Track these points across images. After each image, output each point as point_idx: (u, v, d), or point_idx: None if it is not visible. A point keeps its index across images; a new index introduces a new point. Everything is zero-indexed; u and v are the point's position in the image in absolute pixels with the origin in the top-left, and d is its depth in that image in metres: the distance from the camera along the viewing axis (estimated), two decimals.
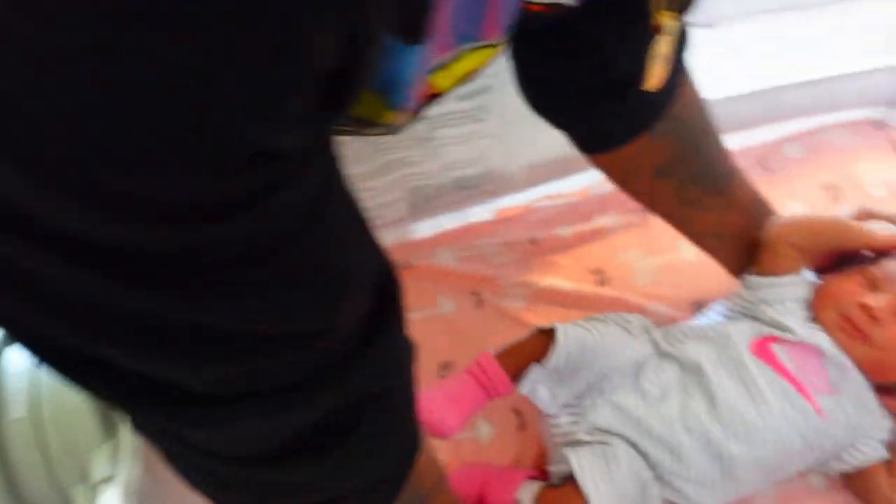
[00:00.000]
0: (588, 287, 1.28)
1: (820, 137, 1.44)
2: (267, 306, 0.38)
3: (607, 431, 0.92)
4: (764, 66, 1.37)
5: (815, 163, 1.36)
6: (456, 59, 0.48)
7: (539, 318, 1.18)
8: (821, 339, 0.93)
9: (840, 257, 0.97)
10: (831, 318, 0.94)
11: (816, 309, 0.95)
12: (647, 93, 0.68)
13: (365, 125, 0.47)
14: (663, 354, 0.96)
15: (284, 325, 0.40)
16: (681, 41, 0.79)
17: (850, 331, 0.92)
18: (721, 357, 0.94)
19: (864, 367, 0.92)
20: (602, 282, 1.30)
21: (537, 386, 0.95)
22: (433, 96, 0.53)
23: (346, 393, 0.47)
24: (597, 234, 1.35)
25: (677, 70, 0.82)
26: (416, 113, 0.51)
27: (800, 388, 0.92)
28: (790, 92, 1.38)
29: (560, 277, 1.30)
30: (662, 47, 0.63)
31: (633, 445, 0.90)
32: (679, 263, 1.30)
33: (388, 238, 1.32)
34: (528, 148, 1.28)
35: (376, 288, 0.47)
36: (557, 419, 0.97)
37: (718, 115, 0.95)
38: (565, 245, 1.34)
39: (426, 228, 1.39)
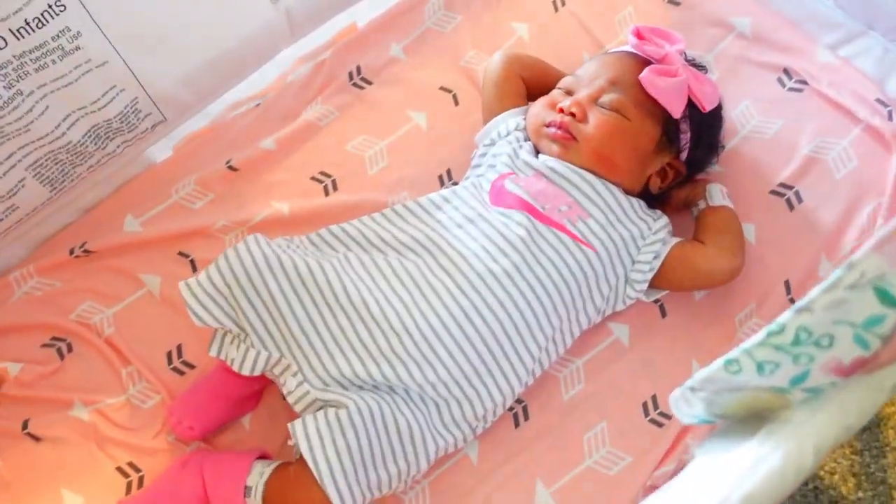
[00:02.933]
0: (316, 199, 1.05)
1: None
2: None
3: (338, 382, 0.83)
4: None
5: None
6: None
7: None
8: (542, 160, 0.93)
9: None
10: (540, 135, 0.95)
11: (528, 132, 0.97)
12: None
13: None
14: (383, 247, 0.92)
15: None
16: None
17: (558, 137, 0.93)
18: (457, 222, 0.91)
19: (593, 166, 0.92)
20: (332, 186, 1.05)
21: (226, 347, 0.87)
22: None
23: None
24: (308, 132, 1.09)
25: None
26: None
27: (550, 221, 0.89)
28: None
29: (279, 199, 1.03)
30: None
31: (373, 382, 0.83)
32: (411, 136, 1.09)
33: (45, 231, 1.02)
34: (166, 60, 0.96)
35: None
36: (286, 386, 0.85)
37: None
38: (273, 157, 1.07)
39: (92, 197, 1.04)
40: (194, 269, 1.02)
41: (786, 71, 1.07)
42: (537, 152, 0.96)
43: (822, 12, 1.09)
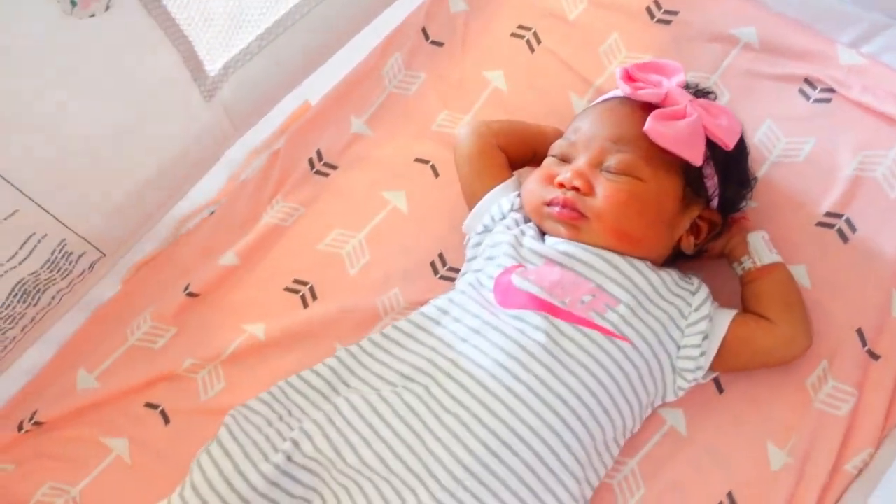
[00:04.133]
0: (294, 314, 0.91)
1: None
2: None
3: None
4: None
5: (491, 10, 1.03)
6: None
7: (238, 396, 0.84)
8: (551, 244, 0.78)
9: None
10: (543, 216, 0.80)
11: (527, 212, 0.83)
12: None
13: None
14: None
15: None
16: None
17: (565, 218, 0.78)
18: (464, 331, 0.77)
19: (612, 245, 0.77)
20: (310, 295, 0.91)
21: None
22: None
23: None
24: (272, 237, 0.95)
25: None
26: None
27: (573, 318, 0.73)
28: None
29: (251, 321, 0.91)
30: None
31: None
32: (392, 221, 0.95)
33: None
34: (90, 192, 0.82)
35: None
36: None
37: None
38: (237, 274, 0.94)
39: (35, 357, 0.89)
40: (166, 420, 0.87)
41: (807, 80, 0.93)
42: (543, 234, 0.81)
43: (835, 8, 0.96)
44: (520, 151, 0.88)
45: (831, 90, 0.92)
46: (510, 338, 0.73)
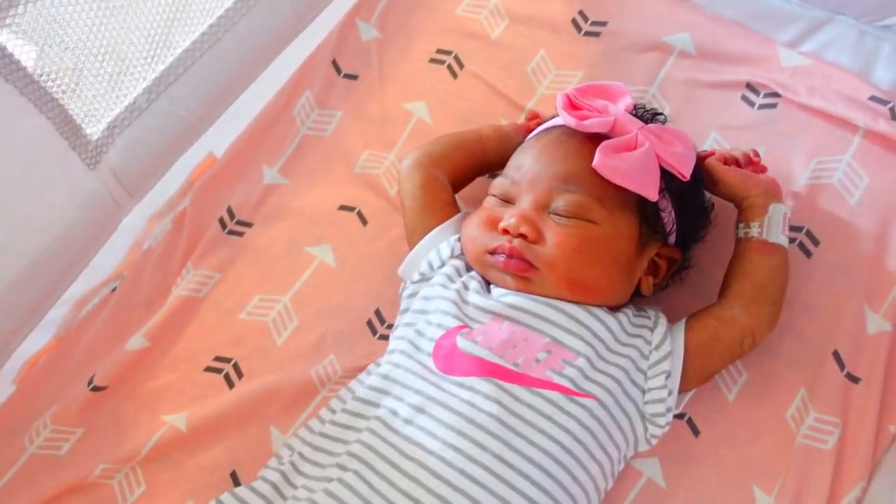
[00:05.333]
0: (219, 397, 0.82)
1: None
2: None
3: None
4: None
5: (406, 35, 0.95)
6: None
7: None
8: (498, 298, 0.71)
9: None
10: (486, 265, 0.73)
11: (471, 264, 0.75)
12: None
13: None
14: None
15: None
16: None
17: (512, 269, 0.71)
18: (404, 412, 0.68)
19: (566, 295, 0.71)
20: (235, 373, 0.84)
21: None
22: None
23: None
24: (186, 312, 0.86)
25: None
26: None
27: (527, 380, 0.66)
28: None
29: (170, 411, 0.81)
30: None
31: None
32: (319, 279, 0.87)
33: None
34: None
35: None
36: None
37: None
38: (151, 359, 0.85)
39: None
40: None
41: (750, 86, 0.88)
42: (488, 283, 0.73)
43: (773, 6, 0.90)
44: (464, 170, 0.82)
45: (776, 95, 0.87)
46: (459, 413, 0.65)
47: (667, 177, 0.72)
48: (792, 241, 0.81)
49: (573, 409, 0.65)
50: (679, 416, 0.77)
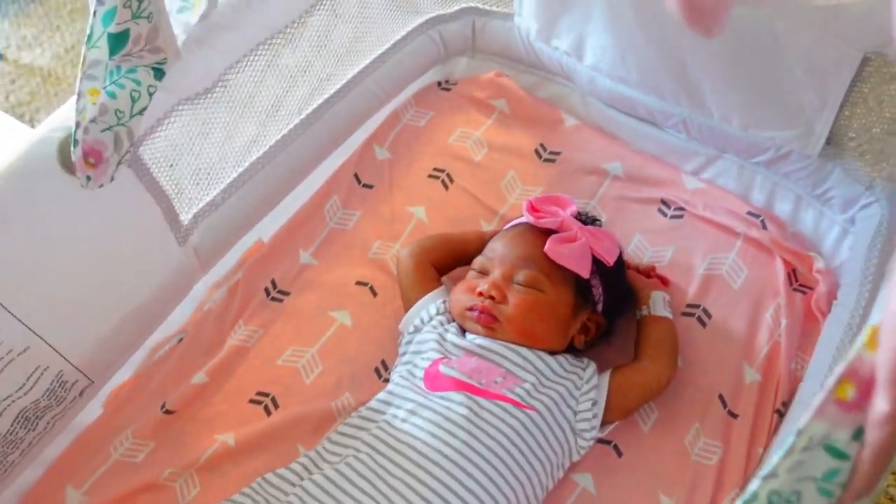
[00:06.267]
0: (259, 422, 1.04)
1: (398, 128, 1.31)
2: None
3: None
4: None
5: (410, 156, 1.25)
6: None
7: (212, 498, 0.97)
8: (470, 339, 0.98)
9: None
10: (465, 318, 1.00)
11: (453, 316, 1.02)
12: None
13: None
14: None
15: None
16: None
17: (482, 320, 0.98)
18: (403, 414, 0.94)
19: (519, 340, 0.97)
20: (272, 405, 1.05)
21: None
22: None
23: None
24: (236, 357, 1.09)
25: None
26: None
27: (488, 394, 0.92)
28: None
29: (222, 431, 1.03)
30: None
31: None
32: (339, 336, 1.11)
33: None
34: (85, 327, 0.97)
35: None
36: None
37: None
38: (208, 391, 1.07)
39: (28, 476, 1.00)
40: None
41: (663, 201, 1.18)
42: (464, 331, 1.01)
43: (679, 145, 1.21)
44: (448, 260, 1.09)
45: (682, 208, 1.17)
46: (439, 413, 0.91)
47: (597, 262, 1.01)
48: (692, 315, 1.09)
49: (520, 416, 0.92)
50: (607, 442, 1.01)
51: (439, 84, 1.33)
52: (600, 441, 1.00)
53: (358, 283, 1.15)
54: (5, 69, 1.84)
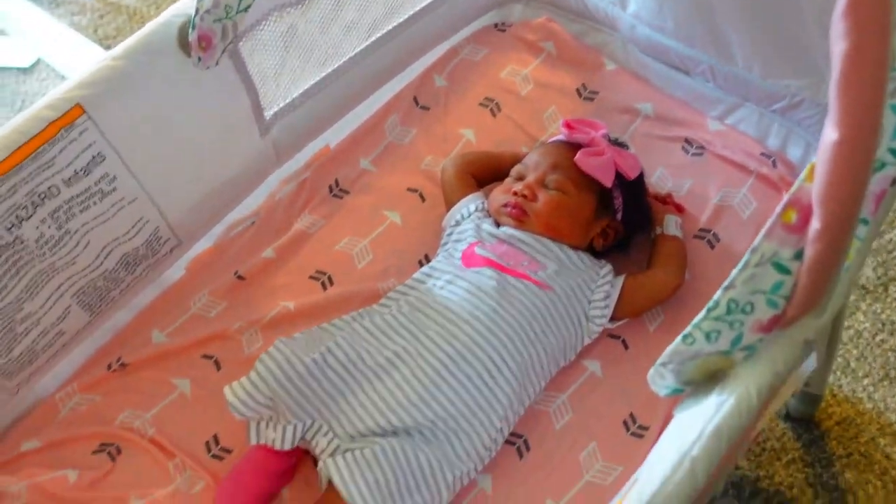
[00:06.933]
0: (316, 295, 1.21)
1: (456, 60, 1.47)
2: None
3: (364, 435, 0.98)
4: None
5: (465, 86, 1.40)
6: None
7: None
8: (503, 230, 1.13)
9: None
10: (500, 213, 1.15)
11: (490, 212, 1.18)
12: None
13: None
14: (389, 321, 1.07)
15: None
16: None
17: (514, 214, 1.12)
18: (442, 284, 1.09)
19: (544, 233, 1.13)
20: (328, 282, 1.21)
21: (263, 432, 1.01)
22: None
23: None
24: (301, 240, 1.26)
25: None
26: None
27: (515, 273, 1.08)
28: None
29: (284, 299, 1.20)
30: None
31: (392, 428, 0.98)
32: (390, 231, 1.27)
33: (84, 350, 1.15)
34: (181, 192, 1.14)
35: None
36: (318, 445, 1.00)
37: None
38: (275, 264, 1.23)
39: (121, 318, 1.18)
40: (218, 367, 1.16)
41: (687, 140, 1.32)
42: (498, 226, 1.16)
43: (706, 92, 1.35)
44: (486, 173, 1.25)
45: (703, 147, 1.30)
46: (472, 284, 1.07)
47: (620, 177, 1.16)
48: (701, 238, 1.22)
49: (540, 294, 1.07)
50: (615, 337, 1.14)
51: (496, 25, 1.49)
52: (610, 335, 1.15)
53: (409, 189, 1.31)
54: (96, 5, 2.04)
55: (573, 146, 1.17)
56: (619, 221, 1.17)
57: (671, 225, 1.18)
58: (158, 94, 1.04)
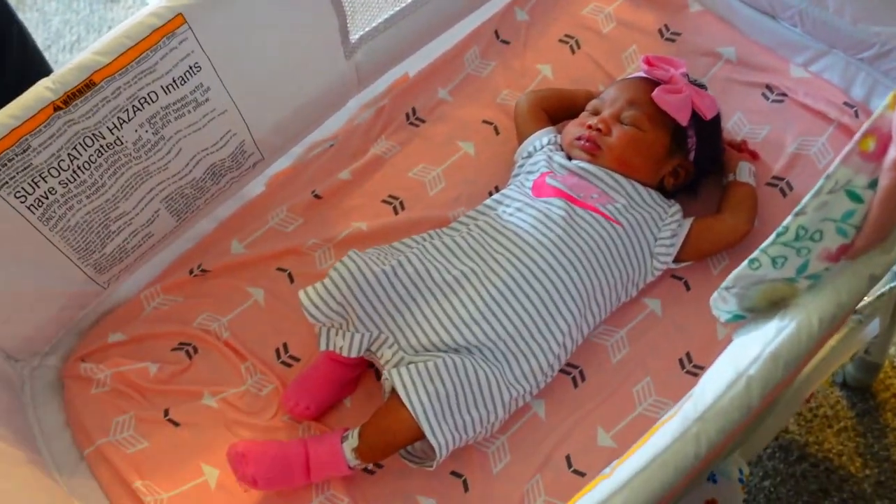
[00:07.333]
0: (388, 218, 1.26)
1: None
2: None
3: (427, 349, 1.02)
4: None
5: (546, 21, 1.40)
6: None
7: None
8: (575, 163, 1.15)
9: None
10: (573, 146, 1.15)
11: (563, 145, 1.19)
12: None
13: None
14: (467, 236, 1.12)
15: None
16: None
17: (587, 147, 1.13)
18: (511, 210, 1.13)
19: (616, 168, 1.14)
20: (400, 207, 1.25)
21: (333, 338, 1.05)
22: None
23: None
24: (376, 164, 1.30)
25: None
26: None
27: (584, 205, 1.10)
28: None
29: (357, 220, 1.24)
30: None
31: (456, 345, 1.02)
32: (462, 161, 1.30)
33: (169, 255, 1.22)
34: (267, 109, 1.19)
35: None
36: (383, 357, 1.04)
37: None
38: (350, 186, 1.27)
39: (204, 227, 1.25)
40: (291, 280, 1.21)
41: (768, 87, 1.30)
42: (569, 158, 1.18)
43: (792, 38, 1.32)
44: (558, 111, 1.26)
45: (784, 94, 1.28)
46: (541, 212, 1.09)
47: (696, 117, 1.16)
48: (774, 185, 1.21)
49: (608, 227, 1.09)
50: (678, 278, 1.16)
51: None
52: (673, 276, 1.17)
53: (484, 121, 1.33)
54: None
55: (651, 83, 1.17)
56: (691, 162, 1.17)
57: (744, 172, 1.17)
58: (253, 9, 1.08)
